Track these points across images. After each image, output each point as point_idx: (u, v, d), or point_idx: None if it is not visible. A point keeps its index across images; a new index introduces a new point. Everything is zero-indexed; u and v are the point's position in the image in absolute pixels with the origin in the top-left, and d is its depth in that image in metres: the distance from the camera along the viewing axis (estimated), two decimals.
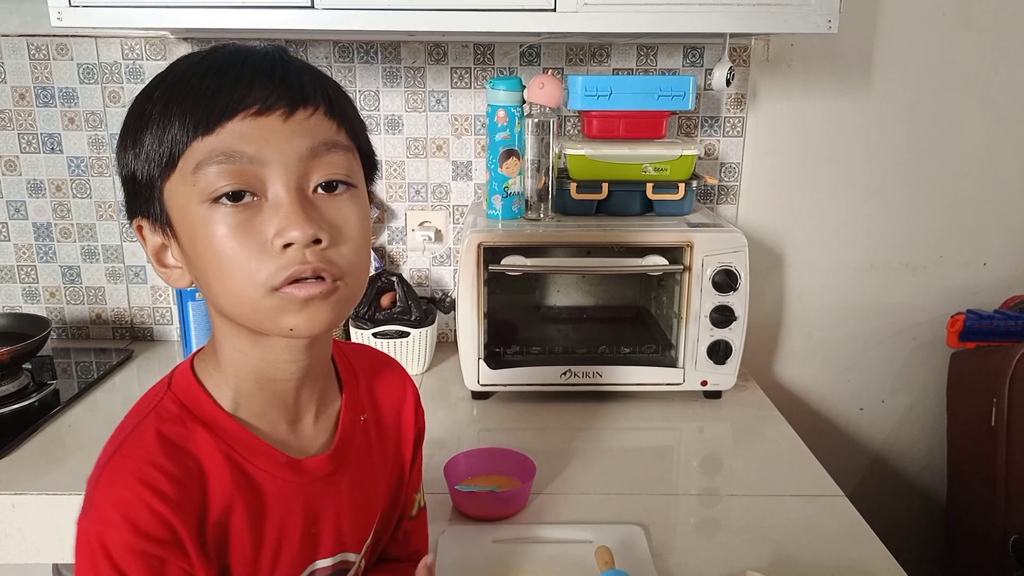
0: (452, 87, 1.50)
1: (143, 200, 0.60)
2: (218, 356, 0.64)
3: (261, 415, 0.65)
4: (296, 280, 0.57)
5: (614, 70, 1.50)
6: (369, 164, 0.66)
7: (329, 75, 0.63)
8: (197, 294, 1.44)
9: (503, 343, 1.37)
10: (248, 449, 0.63)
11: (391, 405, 0.78)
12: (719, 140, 1.54)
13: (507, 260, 1.28)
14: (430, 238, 1.57)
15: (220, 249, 0.57)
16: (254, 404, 0.65)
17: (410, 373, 0.84)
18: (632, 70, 1.51)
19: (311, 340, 0.63)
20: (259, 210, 0.57)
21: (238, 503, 0.61)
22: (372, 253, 1.05)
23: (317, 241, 0.57)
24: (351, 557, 0.71)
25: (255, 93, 0.56)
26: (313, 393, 0.69)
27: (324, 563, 0.69)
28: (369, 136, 0.66)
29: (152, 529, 0.56)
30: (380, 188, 1.55)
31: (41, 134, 1.51)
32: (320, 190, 0.59)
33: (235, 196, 0.56)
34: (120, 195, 1.50)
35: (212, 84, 0.57)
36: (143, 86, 0.61)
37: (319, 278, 0.58)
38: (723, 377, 1.33)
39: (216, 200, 0.56)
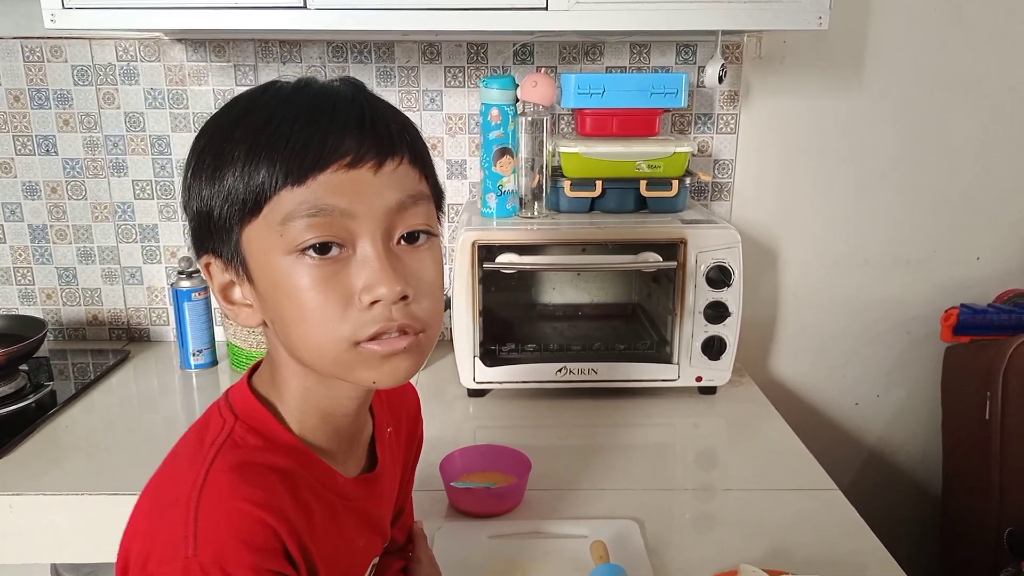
0: (446, 86, 1.50)
1: (216, 239, 0.59)
2: (280, 390, 0.64)
3: (326, 441, 0.65)
4: (378, 335, 0.57)
5: (607, 68, 1.51)
6: (438, 198, 0.64)
7: (404, 114, 0.62)
8: (194, 294, 1.44)
9: (499, 341, 1.37)
10: (323, 473, 0.63)
11: (405, 414, 0.80)
12: (712, 137, 1.55)
13: (502, 258, 1.28)
14: None
15: (303, 301, 0.56)
16: (318, 434, 0.64)
17: None
18: (625, 68, 1.51)
19: None
20: (346, 263, 0.56)
21: (318, 529, 0.61)
22: None
23: (404, 297, 0.57)
24: (375, 560, 0.74)
25: (347, 143, 0.55)
26: (362, 418, 0.70)
27: (368, 572, 0.72)
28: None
29: (265, 542, 0.55)
30: None
31: (36, 136, 1.51)
32: (403, 241, 0.59)
33: (322, 248, 0.55)
34: (115, 196, 1.53)
35: (302, 131, 0.55)
36: (218, 112, 0.59)
37: (402, 332, 0.57)
38: (717, 373, 1.34)
39: (302, 251, 0.55)
